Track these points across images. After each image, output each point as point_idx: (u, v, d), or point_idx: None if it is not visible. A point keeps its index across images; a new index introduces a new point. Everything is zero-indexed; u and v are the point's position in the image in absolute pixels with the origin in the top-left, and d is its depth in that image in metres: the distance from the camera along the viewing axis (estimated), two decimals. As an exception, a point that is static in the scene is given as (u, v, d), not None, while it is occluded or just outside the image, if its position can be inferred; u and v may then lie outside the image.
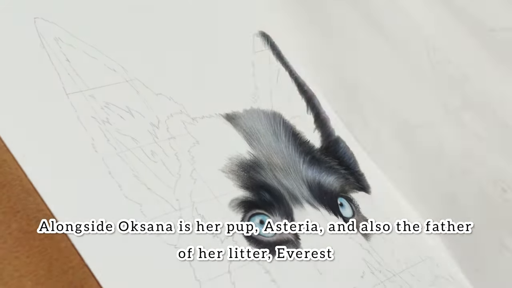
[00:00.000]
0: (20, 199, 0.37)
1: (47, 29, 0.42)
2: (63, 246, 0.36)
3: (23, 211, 0.37)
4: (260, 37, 0.50)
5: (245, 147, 0.45)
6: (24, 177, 0.37)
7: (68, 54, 0.42)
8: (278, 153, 0.46)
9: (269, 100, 0.48)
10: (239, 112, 0.46)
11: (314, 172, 0.46)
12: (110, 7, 0.46)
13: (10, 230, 0.36)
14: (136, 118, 0.42)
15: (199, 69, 0.47)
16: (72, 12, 0.44)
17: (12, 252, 0.36)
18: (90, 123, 0.41)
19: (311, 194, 0.45)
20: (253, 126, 0.46)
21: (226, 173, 0.43)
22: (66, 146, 0.39)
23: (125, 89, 0.43)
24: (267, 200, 0.43)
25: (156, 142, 0.42)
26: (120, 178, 0.40)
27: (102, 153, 0.40)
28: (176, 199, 0.40)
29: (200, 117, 0.44)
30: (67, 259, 0.36)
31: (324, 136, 0.49)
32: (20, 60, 0.41)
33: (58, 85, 0.41)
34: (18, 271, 0.35)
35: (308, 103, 0.50)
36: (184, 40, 0.47)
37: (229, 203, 0.42)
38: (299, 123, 0.48)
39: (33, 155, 0.38)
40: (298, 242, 0.43)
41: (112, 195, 0.39)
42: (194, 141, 0.43)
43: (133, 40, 0.45)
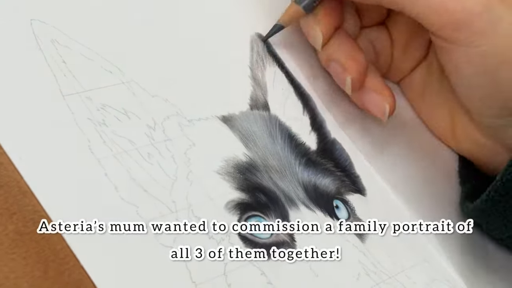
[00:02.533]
0: (17, 200, 0.37)
1: (44, 31, 0.42)
2: (59, 247, 0.36)
3: (20, 213, 0.37)
4: (256, 39, 0.50)
5: (241, 149, 0.45)
6: (20, 179, 0.37)
7: (65, 55, 0.42)
8: (274, 155, 0.46)
9: (266, 102, 0.48)
10: (235, 114, 0.46)
11: (310, 174, 0.46)
12: (106, 9, 0.46)
13: (6, 231, 0.36)
14: (132, 120, 0.42)
15: (196, 71, 0.47)
16: (69, 14, 0.44)
17: (8, 253, 0.36)
18: (86, 124, 0.41)
19: (306, 196, 0.45)
20: (249, 128, 0.46)
21: (222, 175, 0.43)
22: (62, 147, 0.39)
23: (121, 91, 0.43)
24: (263, 202, 0.43)
25: (153, 144, 0.42)
26: (116, 180, 0.39)
27: (98, 154, 0.40)
28: (172, 201, 0.40)
29: (197, 119, 0.44)
30: (63, 261, 0.36)
31: (320, 138, 0.49)
32: (16, 61, 0.41)
33: (54, 86, 0.41)
34: (14, 273, 0.35)
35: (304, 105, 0.50)
36: (181, 42, 0.47)
37: (225, 205, 0.42)
38: (295, 125, 0.48)
39: (30, 157, 0.38)
40: (293, 243, 0.43)
41: (109, 197, 0.39)
42: (190, 143, 0.43)
43: (130, 42, 0.45)
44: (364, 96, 0.50)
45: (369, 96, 0.50)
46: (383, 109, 0.49)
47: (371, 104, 0.50)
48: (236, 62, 0.49)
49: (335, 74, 0.50)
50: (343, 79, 0.49)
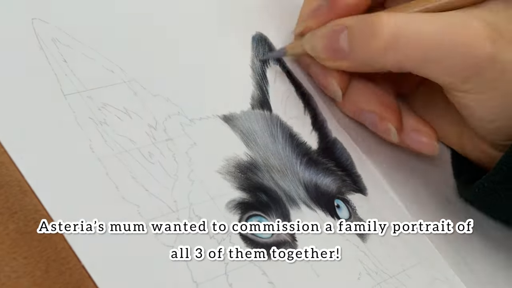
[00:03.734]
0: (18, 200, 0.37)
1: (45, 30, 0.42)
2: (61, 247, 0.36)
3: (21, 212, 0.37)
4: (258, 38, 0.50)
5: (243, 149, 0.45)
6: (21, 178, 0.37)
7: (66, 55, 0.42)
8: (275, 155, 0.46)
9: (267, 102, 0.48)
10: (237, 114, 0.46)
11: (311, 173, 0.46)
12: (108, 8, 0.46)
13: (7, 231, 0.36)
14: (133, 119, 0.42)
15: (197, 70, 0.47)
16: (70, 13, 0.44)
17: (10, 253, 0.36)
18: (87, 124, 0.41)
19: (308, 196, 0.45)
20: (250, 128, 0.46)
21: (223, 174, 0.43)
22: (63, 147, 0.39)
23: (122, 90, 0.43)
24: (264, 202, 0.43)
25: (154, 144, 0.42)
26: (117, 179, 0.39)
27: (100, 154, 0.40)
28: (173, 201, 0.40)
29: (198, 119, 0.44)
30: (64, 260, 0.36)
31: (321, 138, 0.49)
32: (17, 60, 0.41)
33: (55, 86, 0.41)
34: (15, 272, 0.35)
35: (305, 105, 0.50)
36: (182, 41, 0.47)
37: (226, 204, 0.42)
38: (296, 124, 0.48)
39: (31, 156, 0.38)
40: (295, 243, 0.43)
41: (110, 196, 0.39)
42: (191, 143, 0.43)
43: (131, 41, 0.45)
44: (405, 139, 0.49)
45: (411, 138, 0.49)
46: (433, 147, 0.49)
47: (418, 145, 0.49)
48: (237, 62, 0.49)
49: (372, 124, 0.49)
50: (384, 129, 0.48)
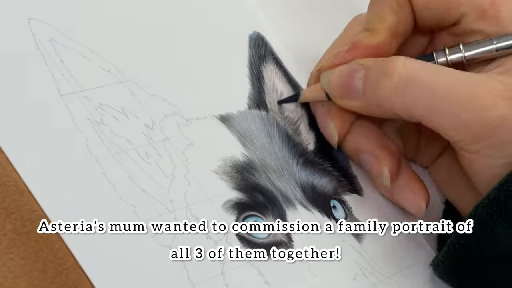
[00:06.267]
0: (15, 200, 0.37)
1: (42, 30, 0.42)
2: (57, 247, 0.36)
3: (18, 213, 0.37)
4: (255, 37, 0.50)
5: (239, 149, 0.45)
6: (18, 179, 0.37)
7: (63, 55, 0.42)
8: (271, 155, 0.46)
9: (264, 101, 0.48)
10: (233, 114, 0.46)
11: (307, 174, 0.46)
12: (105, 8, 0.46)
13: (4, 231, 0.36)
14: (130, 120, 0.42)
15: (194, 70, 0.47)
16: (67, 13, 0.44)
17: (7, 253, 0.36)
18: (84, 124, 0.41)
19: (304, 196, 0.45)
20: (247, 128, 0.46)
21: (220, 174, 0.43)
22: (60, 147, 0.39)
23: (119, 90, 0.43)
24: (261, 202, 0.43)
25: (151, 144, 0.42)
26: (114, 179, 0.40)
27: (97, 154, 0.40)
28: (170, 201, 0.41)
29: (194, 119, 0.44)
30: (61, 261, 0.36)
31: (317, 138, 0.49)
32: (14, 61, 0.41)
33: (52, 86, 0.41)
34: (12, 273, 0.35)
35: (302, 105, 0.50)
36: (179, 41, 0.47)
37: (223, 204, 0.42)
38: (293, 124, 0.48)
39: (28, 156, 0.38)
40: (291, 243, 0.43)
41: (107, 196, 0.39)
42: (188, 143, 0.43)
43: (128, 41, 0.45)
44: (396, 191, 0.48)
45: (402, 193, 0.47)
46: (420, 208, 0.47)
47: (405, 201, 0.47)
48: (235, 61, 0.49)
49: (368, 165, 0.47)
50: (378, 171, 0.47)
